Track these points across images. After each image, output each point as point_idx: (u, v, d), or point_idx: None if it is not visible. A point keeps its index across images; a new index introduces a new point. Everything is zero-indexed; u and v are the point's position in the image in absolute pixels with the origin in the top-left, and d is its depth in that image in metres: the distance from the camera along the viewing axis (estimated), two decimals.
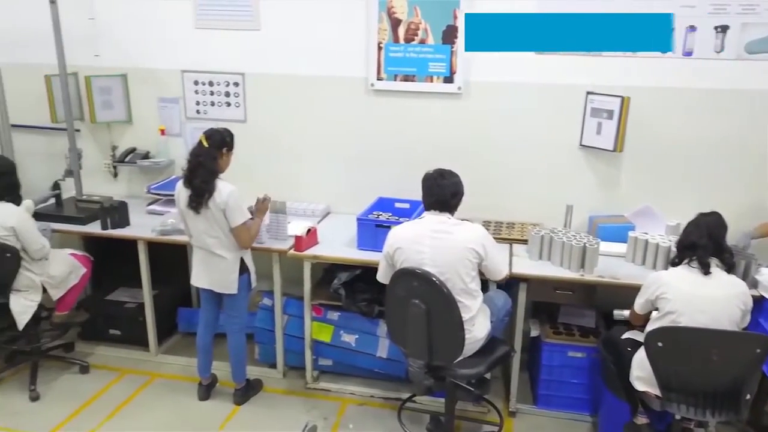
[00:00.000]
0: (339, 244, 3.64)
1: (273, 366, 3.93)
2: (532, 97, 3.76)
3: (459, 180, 2.99)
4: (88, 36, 4.16)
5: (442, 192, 2.93)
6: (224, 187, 3.22)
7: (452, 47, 3.76)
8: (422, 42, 3.80)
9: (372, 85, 3.93)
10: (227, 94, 4.17)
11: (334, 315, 3.74)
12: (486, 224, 3.74)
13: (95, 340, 4.21)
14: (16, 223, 3.40)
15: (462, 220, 2.99)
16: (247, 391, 3.68)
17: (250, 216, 3.34)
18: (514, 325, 3.45)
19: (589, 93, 3.65)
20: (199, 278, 3.44)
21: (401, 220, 3.56)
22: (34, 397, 3.63)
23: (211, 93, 4.19)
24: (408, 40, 3.81)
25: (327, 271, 3.87)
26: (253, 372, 3.82)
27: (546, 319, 3.65)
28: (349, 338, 3.71)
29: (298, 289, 3.74)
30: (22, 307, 3.51)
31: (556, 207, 3.70)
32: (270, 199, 3.52)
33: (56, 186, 4.08)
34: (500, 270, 3.01)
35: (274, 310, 3.80)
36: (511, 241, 3.65)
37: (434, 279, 2.78)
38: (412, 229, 2.97)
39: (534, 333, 3.57)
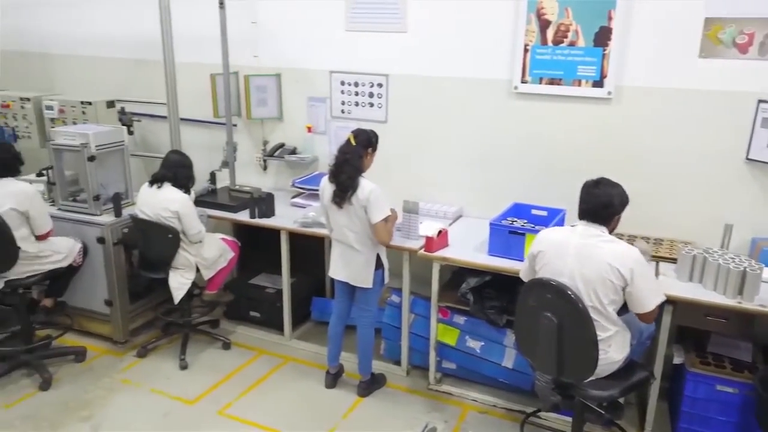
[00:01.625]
0: (469, 248, 3.60)
1: (397, 363, 3.99)
2: (693, 105, 3.46)
3: (618, 192, 2.77)
4: (250, 38, 4.49)
5: (593, 201, 2.75)
6: (367, 185, 3.33)
7: (604, 50, 3.57)
8: (572, 44, 3.64)
9: (515, 87, 3.84)
10: (371, 95, 4.29)
11: (460, 319, 3.71)
12: (631, 239, 3.50)
13: (237, 320, 4.53)
14: (180, 208, 3.76)
15: (629, 237, 2.79)
16: (371, 384, 3.76)
17: (389, 213, 3.42)
18: (656, 349, 3.19)
19: (761, 101, 3.28)
20: (337, 271, 3.57)
21: (537, 228, 3.44)
22: (183, 366, 3.99)
23: (356, 93, 4.34)
24: (556, 42, 3.68)
25: (456, 274, 3.84)
26: (377, 367, 3.90)
27: (692, 346, 3.34)
28: (474, 344, 3.66)
29: (425, 289, 3.76)
30: (179, 284, 3.88)
31: (712, 225, 3.38)
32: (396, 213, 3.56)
33: (213, 178, 4.45)
34: (645, 303, 2.69)
35: (401, 307, 3.85)
36: (658, 259, 3.38)
37: (569, 293, 2.65)
38: (560, 234, 2.84)
39: (677, 360, 3.28)
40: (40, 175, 4.28)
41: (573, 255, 2.72)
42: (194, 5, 4.41)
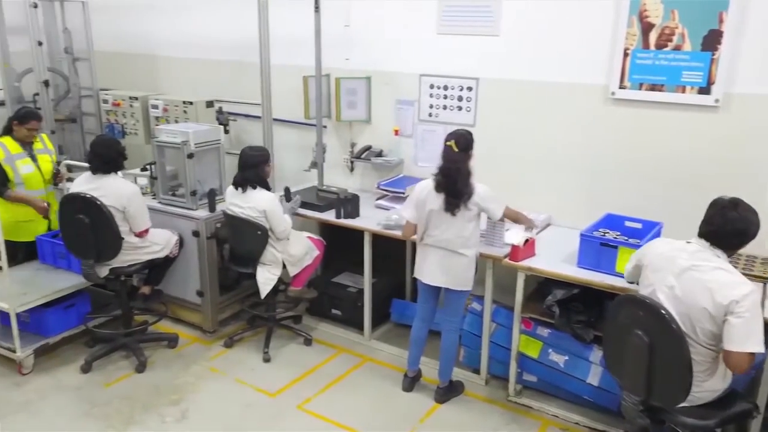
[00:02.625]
0: (557, 258, 3.49)
1: (476, 371, 3.92)
2: None
3: (755, 220, 2.51)
4: (342, 41, 4.58)
5: (726, 225, 2.49)
6: (480, 187, 3.35)
7: (713, 54, 3.35)
8: (677, 48, 3.45)
9: (613, 93, 3.68)
10: (460, 98, 4.26)
11: (544, 331, 3.60)
12: (735, 259, 3.26)
13: (319, 317, 4.63)
14: (268, 207, 3.88)
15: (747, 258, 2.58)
16: (449, 391, 3.73)
17: (505, 205, 3.48)
18: (761, 379, 2.95)
19: None
20: (435, 277, 3.53)
21: (631, 240, 3.28)
22: (266, 359, 4.12)
23: (445, 97, 4.31)
24: (660, 46, 3.49)
25: (541, 284, 3.73)
26: (456, 373, 3.85)
27: None
28: (557, 358, 3.54)
29: (508, 299, 3.68)
30: (266, 279, 4.01)
31: None
32: None
33: (287, 193, 4.39)
34: (736, 342, 2.41)
35: (482, 315, 3.79)
36: (765, 280, 3.13)
37: (663, 312, 2.50)
38: (669, 248, 2.67)
39: None
40: (144, 169, 4.55)
41: (675, 274, 2.55)
42: (290, 9, 4.54)
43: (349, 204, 4.14)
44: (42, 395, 3.70)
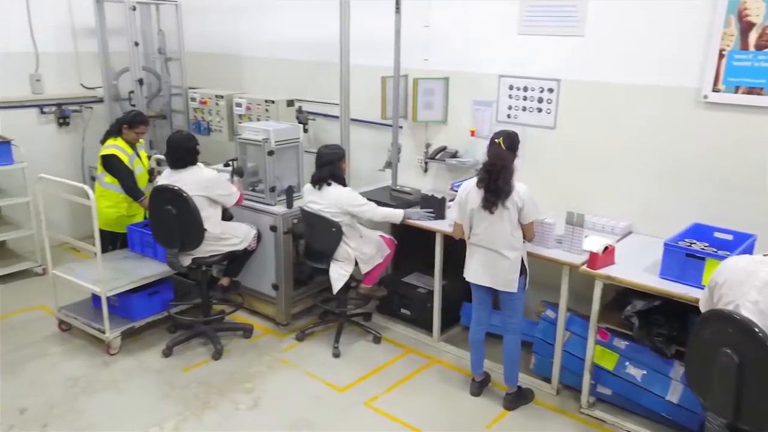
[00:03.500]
0: (638, 268, 3.34)
1: (547, 380, 3.82)
2: None
3: None
4: (421, 42, 4.58)
5: None
6: (520, 186, 3.30)
7: None
8: None
9: (705, 97, 3.49)
10: (540, 100, 4.16)
11: (621, 343, 3.46)
12: None
13: (389, 316, 4.65)
14: (348, 204, 3.96)
15: None
16: (518, 397, 3.65)
17: (540, 212, 3.42)
18: None
19: None
20: (479, 276, 3.52)
21: (720, 252, 3.10)
22: (336, 354, 4.19)
23: (524, 98, 4.23)
24: (760, 47, 3.28)
25: (620, 294, 3.58)
26: (526, 381, 3.78)
27: None
28: (635, 372, 3.39)
29: (584, 307, 3.56)
30: (338, 275, 4.08)
31: None
32: None
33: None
34: None
35: (556, 323, 3.69)
36: None
37: (756, 330, 2.34)
38: (747, 263, 2.52)
39: None
40: (226, 165, 4.73)
41: (758, 288, 2.39)
42: (371, 10, 4.60)
43: (435, 204, 4.13)
44: (127, 375, 3.92)
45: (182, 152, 4.00)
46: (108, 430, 3.39)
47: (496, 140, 3.36)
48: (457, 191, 4.36)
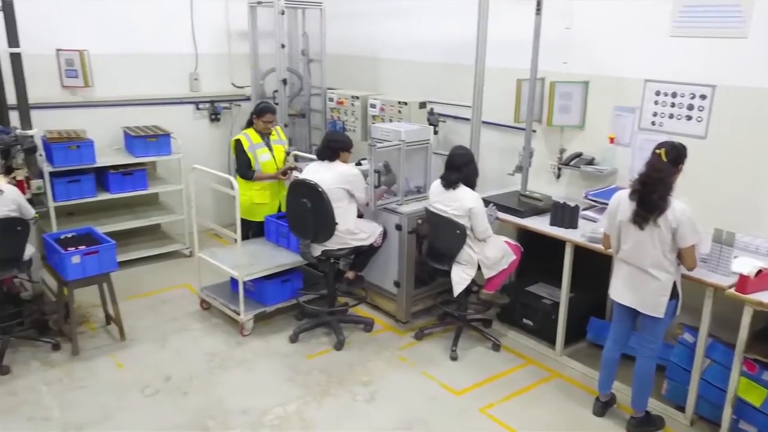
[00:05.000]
0: None
1: (680, 409, 3.54)
2: None
3: None
4: (561, 44, 4.43)
5: None
6: (678, 205, 3.04)
7: None
8: None
9: None
10: (690, 107, 3.85)
11: None
12: None
13: (509, 324, 4.55)
14: (474, 205, 3.93)
15: None
16: (644, 423, 3.42)
17: (700, 237, 3.09)
18: None
19: None
20: (622, 294, 3.32)
21: None
22: (454, 357, 4.17)
23: (672, 105, 3.94)
24: None
25: None
26: (656, 407, 3.53)
27: None
28: None
29: (728, 334, 3.26)
30: (460, 278, 4.06)
31: None
32: None
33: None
34: None
35: (694, 348, 3.40)
36: None
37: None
38: None
39: None
40: (358, 164, 4.89)
41: None
42: (509, 11, 4.52)
43: (567, 212, 4.00)
44: (256, 356, 4.18)
45: (333, 143, 4.22)
46: (237, 404, 3.64)
47: (657, 151, 3.12)
48: (591, 200, 4.21)
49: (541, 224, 4.11)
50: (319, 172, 4.19)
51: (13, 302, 4.29)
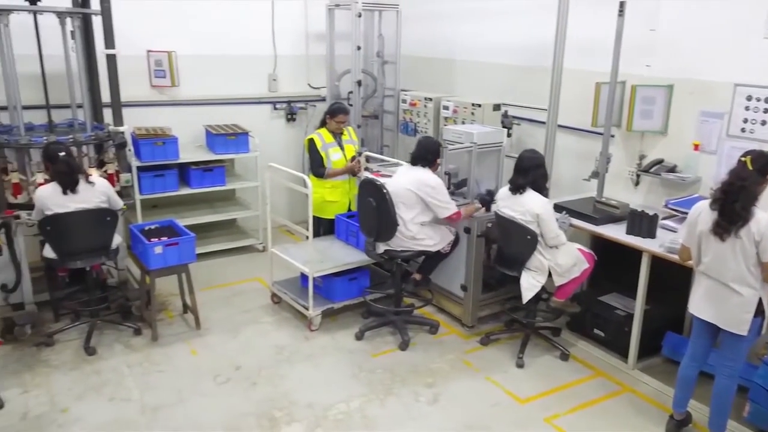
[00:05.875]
0: None
1: None
2: None
3: None
4: (644, 46, 4.26)
5: None
6: (763, 217, 2.87)
7: None
8: None
9: None
10: None
11: None
12: None
13: (579, 334, 4.43)
14: (541, 211, 3.85)
15: None
16: None
17: None
18: None
19: None
20: (702, 309, 3.17)
21: None
22: (520, 365, 4.10)
23: (765, 111, 3.71)
24: None
25: None
26: (735, 430, 3.35)
27: None
28: None
29: None
30: (529, 285, 3.98)
31: None
32: None
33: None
34: None
35: None
36: None
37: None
38: None
39: None
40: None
41: None
42: (590, 12, 4.40)
43: (646, 221, 3.85)
44: (323, 351, 4.27)
45: (423, 151, 4.21)
46: (303, 397, 3.73)
47: (743, 158, 2.97)
48: (671, 209, 4.03)
49: (616, 232, 3.97)
50: (400, 175, 4.23)
51: (101, 288, 4.59)
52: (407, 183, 4.14)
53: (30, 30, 4.43)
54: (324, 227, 5.17)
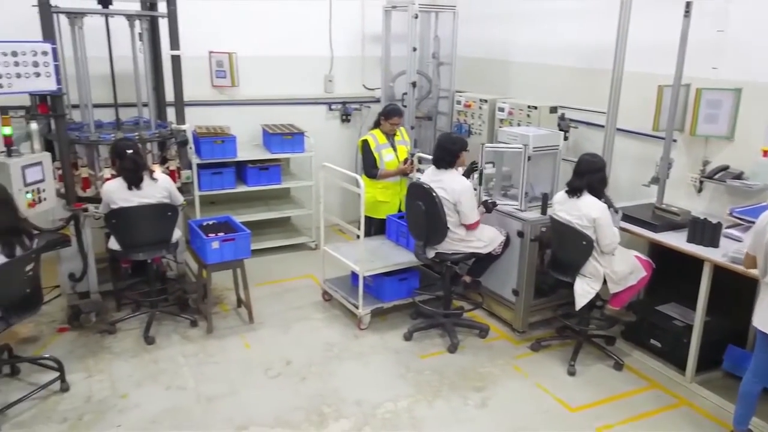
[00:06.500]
0: None
1: None
2: None
3: None
4: (711, 48, 4.10)
5: None
6: None
7: None
8: None
9: None
10: None
11: None
12: None
13: (634, 343, 4.30)
14: (598, 215, 3.76)
15: None
16: None
17: None
18: None
19: None
20: (764, 321, 3.03)
21: None
22: (571, 372, 4.02)
23: None
24: None
25: None
26: None
27: None
28: None
29: None
30: (583, 291, 3.91)
31: None
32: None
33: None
34: None
35: None
36: None
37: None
38: None
39: None
40: (473, 168, 4.84)
41: None
42: (653, 12, 4.27)
43: (708, 229, 3.72)
44: (372, 350, 4.30)
45: (443, 153, 4.21)
46: (352, 394, 3.77)
47: None
48: (736, 218, 3.87)
49: (677, 240, 3.85)
50: (429, 180, 4.20)
51: (161, 280, 4.76)
52: (442, 193, 4.08)
53: (98, 32, 4.63)
54: (375, 227, 5.21)
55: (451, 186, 4.11)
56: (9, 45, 3.72)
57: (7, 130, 3.86)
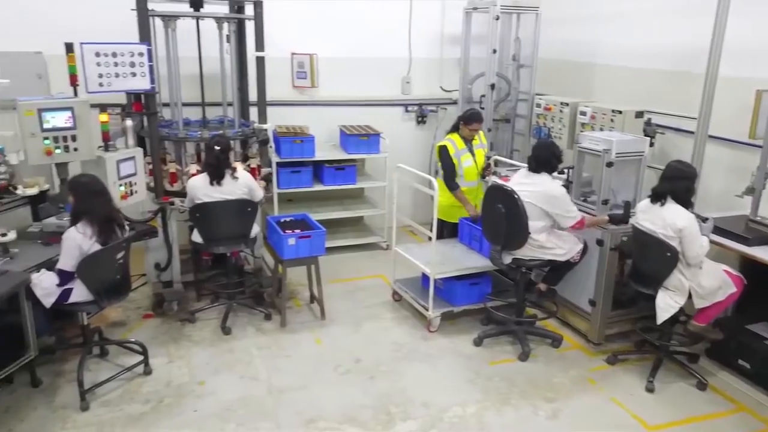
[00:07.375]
0: None
1: None
2: None
3: None
4: None
5: None
6: None
7: None
8: None
9: None
10: None
11: None
12: None
13: (720, 363, 4.07)
14: (685, 225, 3.57)
15: None
16: None
17: None
18: None
19: None
20: None
21: None
22: (650, 389, 3.84)
23: None
24: None
25: None
26: None
27: None
28: None
29: None
30: (666, 305, 3.72)
31: None
32: None
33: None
34: None
35: None
36: None
37: None
38: None
39: None
40: (561, 172, 4.72)
41: None
42: (753, 13, 4.01)
43: None
44: (440, 353, 4.28)
45: (549, 155, 4.10)
46: (419, 396, 3.77)
47: None
48: None
49: None
50: (520, 183, 4.12)
51: (239, 273, 4.94)
52: (530, 196, 4.00)
53: (189, 34, 4.85)
54: (447, 230, 5.17)
55: (542, 189, 4.01)
56: (110, 46, 3.98)
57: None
